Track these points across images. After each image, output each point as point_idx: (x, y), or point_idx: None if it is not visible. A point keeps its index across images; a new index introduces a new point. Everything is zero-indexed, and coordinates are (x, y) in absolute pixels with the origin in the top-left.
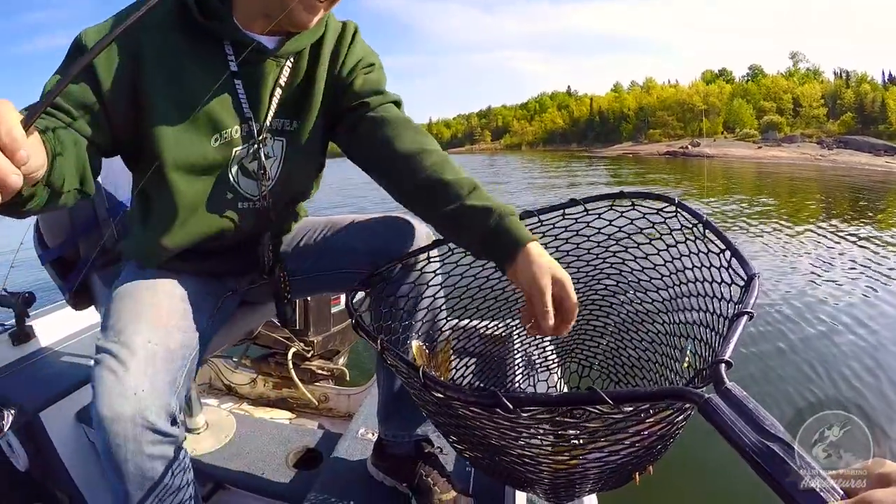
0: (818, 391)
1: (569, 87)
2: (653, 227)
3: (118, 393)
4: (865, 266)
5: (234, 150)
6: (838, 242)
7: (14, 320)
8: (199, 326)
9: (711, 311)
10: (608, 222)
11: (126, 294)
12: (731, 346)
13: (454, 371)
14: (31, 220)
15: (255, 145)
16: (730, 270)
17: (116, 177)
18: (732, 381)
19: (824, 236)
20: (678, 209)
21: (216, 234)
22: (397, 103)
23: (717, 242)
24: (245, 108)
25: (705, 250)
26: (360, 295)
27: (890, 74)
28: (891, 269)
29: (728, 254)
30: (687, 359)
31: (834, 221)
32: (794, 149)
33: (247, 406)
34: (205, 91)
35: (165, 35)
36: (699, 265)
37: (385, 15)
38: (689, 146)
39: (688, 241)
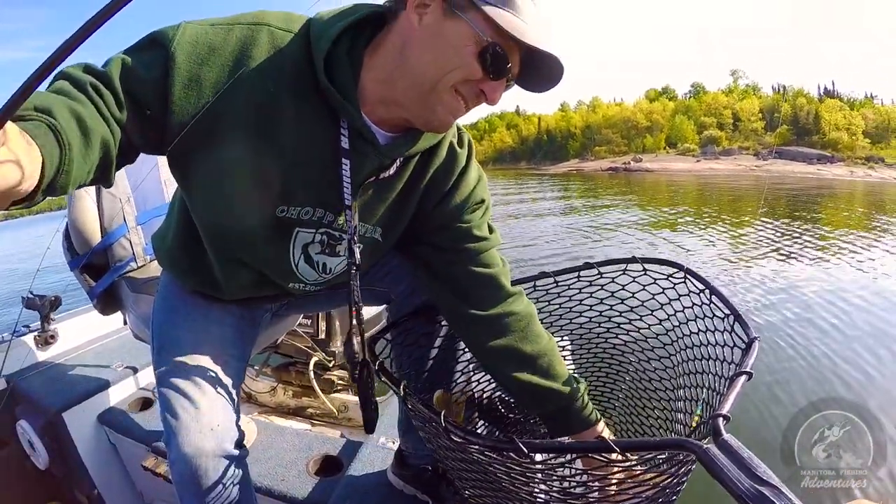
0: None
1: (517, 106)
2: (663, 293)
3: (196, 430)
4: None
5: (296, 229)
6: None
7: (39, 322)
8: (244, 352)
9: (714, 372)
10: (621, 286)
11: (177, 317)
12: (730, 402)
13: (478, 400)
14: (61, 225)
15: (335, 240)
16: (732, 334)
17: (147, 188)
18: (729, 434)
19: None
20: (687, 275)
21: (259, 291)
22: (497, 247)
23: (722, 307)
24: (346, 196)
25: (710, 314)
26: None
27: (825, 88)
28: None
29: (732, 318)
30: (696, 417)
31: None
32: (730, 161)
33: (266, 414)
34: (296, 154)
35: (273, 77)
36: (704, 329)
37: None
38: (632, 162)
39: (694, 307)
